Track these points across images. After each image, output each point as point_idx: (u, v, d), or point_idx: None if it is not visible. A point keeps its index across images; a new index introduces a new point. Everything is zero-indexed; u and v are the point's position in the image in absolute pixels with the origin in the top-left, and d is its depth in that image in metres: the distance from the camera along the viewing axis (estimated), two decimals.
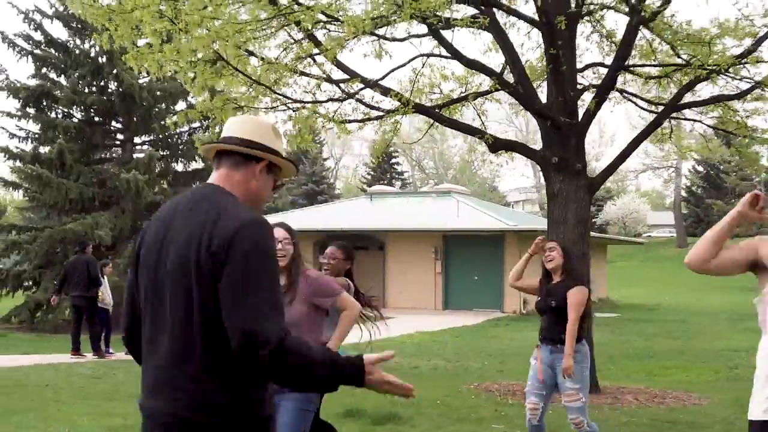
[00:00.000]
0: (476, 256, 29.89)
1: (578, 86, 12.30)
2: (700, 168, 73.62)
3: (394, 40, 10.84)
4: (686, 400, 11.17)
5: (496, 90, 11.92)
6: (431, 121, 12.83)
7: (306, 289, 5.03)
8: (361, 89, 10.80)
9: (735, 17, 12.00)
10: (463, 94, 12.59)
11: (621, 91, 13.09)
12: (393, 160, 77.18)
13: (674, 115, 13.38)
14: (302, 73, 10.58)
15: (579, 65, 13.14)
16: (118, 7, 10.16)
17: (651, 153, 61.64)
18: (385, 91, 10.97)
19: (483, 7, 11.67)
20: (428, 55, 11.84)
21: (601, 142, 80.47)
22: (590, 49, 24.41)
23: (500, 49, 12.17)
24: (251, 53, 10.14)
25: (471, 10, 12.09)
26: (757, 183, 48.49)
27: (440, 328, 24.04)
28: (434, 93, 13.43)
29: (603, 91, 11.33)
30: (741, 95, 11.85)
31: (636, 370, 15.45)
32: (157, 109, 24.34)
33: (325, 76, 10.74)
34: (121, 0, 9.81)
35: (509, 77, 12.25)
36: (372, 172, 76.79)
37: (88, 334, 15.85)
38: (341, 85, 11.29)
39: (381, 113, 11.82)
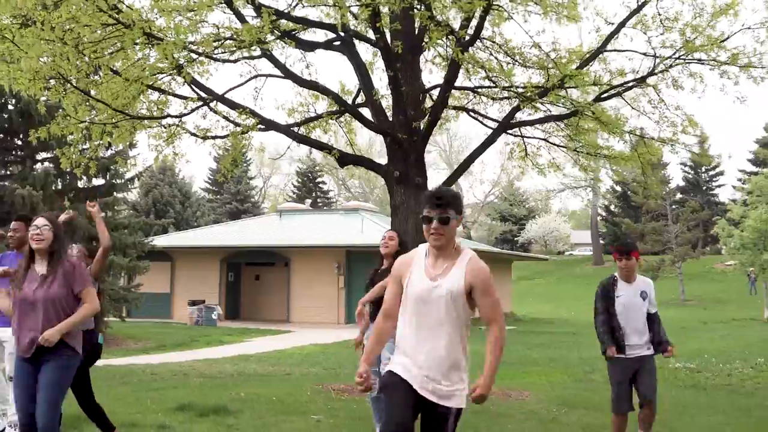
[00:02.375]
0: None
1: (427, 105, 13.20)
2: (618, 188, 75.69)
3: (225, 61, 11.60)
4: (513, 396, 12.05)
5: (342, 111, 12.75)
6: None
7: (68, 274, 5.71)
8: (200, 105, 11.47)
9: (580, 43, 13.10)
10: (316, 114, 13.37)
11: (466, 110, 13.98)
12: (318, 180, 77.90)
13: (526, 133, 14.38)
14: (151, 88, 11.23)
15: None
16: None
17: (569, 173, 63.24)
18: (233, 106, 11.69)
19: (342, 33, 12.51)
20: (267, 76, 12.61)
21: None
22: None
23: (354, 70, 13.01)
24: (100, 66, 10.73)
25: (331, 34, 12.99)
26: (663, 201, 50.17)
27: (335, 340, 24.73)
28: (309, 112, 14.24)
29: (435, 110, 12.21)
30: (565, 116, 12.84)
31: (503, 374, 16.32)
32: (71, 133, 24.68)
33: (171, 91, 11.45)
34: None
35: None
36: (298, 191, 77.47)
37: None
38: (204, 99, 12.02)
39: (239, 129, 12.50)
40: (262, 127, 12.55)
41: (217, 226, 42.64)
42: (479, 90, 13.69)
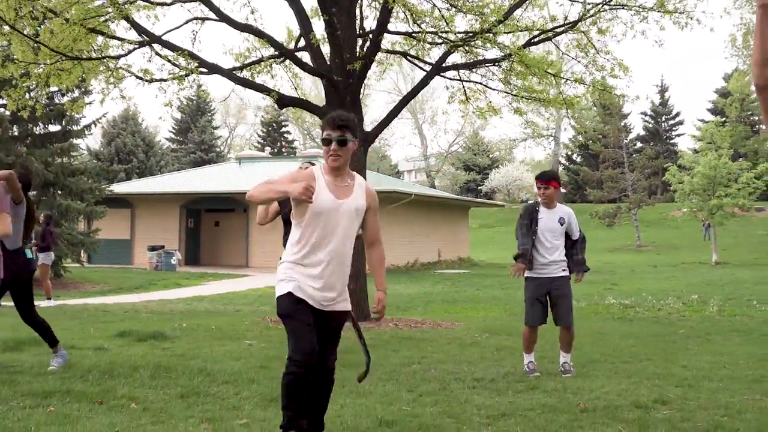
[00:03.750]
0: None
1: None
2: (580, 137, 76.49)
3: (160, 4, 11.98)
4: (443, 326, 12.74)
5: (281, 55, 13.16)
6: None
7: None
8: (138, 47, 11.87)
9: None
10: (258, 58, 13.77)
11: (404, 54, 14.44)
12: (283, 129, 77.94)
13: (465, 78, 14.86)
14: (92, 31, 11.59)
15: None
16: None
17: (531, 122, 63.75)
18: (173, 48, 12.08)
19: None
20: (203, 19, 12.98)
21: None
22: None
23: (294, 15, 13.41)
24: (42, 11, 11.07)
25: None
26: (620, 149, 50.95)
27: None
28: (255, 56, 14.61)
29: (369, 53, 12.67)
30: (496, 60, 13.36)
31: (441, 310, 17.03)
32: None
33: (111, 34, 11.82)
34: None
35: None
36: (262, 141, 77.54)
37: None
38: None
39: (180, 72, 12.92)
40: (204, 70, 12.98)
41: (177, 173, 42.86)
42: (415, 35, 14.12)
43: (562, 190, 9.33)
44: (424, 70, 14.37)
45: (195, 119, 72.18)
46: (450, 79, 14.67)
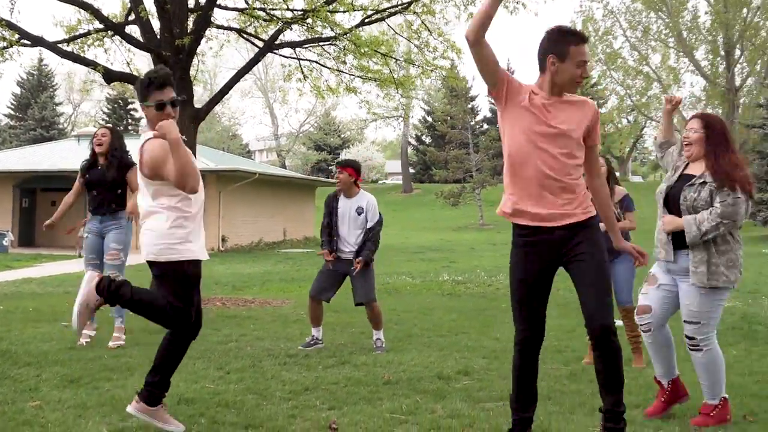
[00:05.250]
0: None
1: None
2: (429, 118, 77.80)
3: None
4: (272, 304, 12.76)
5: (108, 28, 12.79)
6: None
7: None
8: None
9: None
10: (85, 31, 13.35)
11: (238, 31, 14.29)
12: (130, 107, 75.81)
13: (302, 56, 14.84)
14: None
15: None
16: None
17: (382, 104, 64.23)
18: None
19: None
20: None
21: None
22: None
23: None
24: None
25: None
26: (466, 130, 52.06)
27: (129, 264, 24.65)
28: (81, 29, 14.10)
29: (198, 28, 12.46)
30: (327, 39, 13.41)
31: (277, 288, 17.00)
32: None
33: None
34: None
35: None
36: (108, 118, 75.19)
37: None
38: None
39: (2, 44, 12.38)
40: (27, 42, 12.48)
41: (10, 150, 41.04)
42: (247, 11, 13.99)
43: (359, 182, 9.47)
44: (258, 47, 14.26)
45: (35, 95, 69.33)
46: (285, 57, 14.65)
